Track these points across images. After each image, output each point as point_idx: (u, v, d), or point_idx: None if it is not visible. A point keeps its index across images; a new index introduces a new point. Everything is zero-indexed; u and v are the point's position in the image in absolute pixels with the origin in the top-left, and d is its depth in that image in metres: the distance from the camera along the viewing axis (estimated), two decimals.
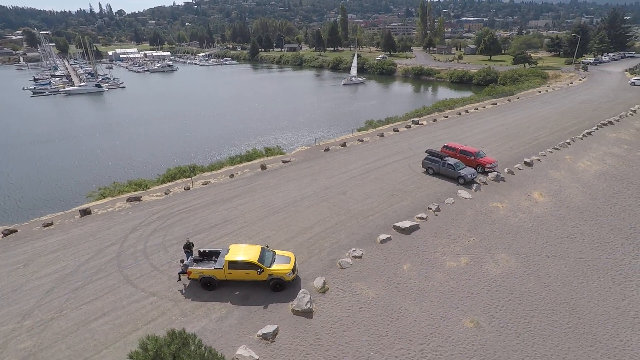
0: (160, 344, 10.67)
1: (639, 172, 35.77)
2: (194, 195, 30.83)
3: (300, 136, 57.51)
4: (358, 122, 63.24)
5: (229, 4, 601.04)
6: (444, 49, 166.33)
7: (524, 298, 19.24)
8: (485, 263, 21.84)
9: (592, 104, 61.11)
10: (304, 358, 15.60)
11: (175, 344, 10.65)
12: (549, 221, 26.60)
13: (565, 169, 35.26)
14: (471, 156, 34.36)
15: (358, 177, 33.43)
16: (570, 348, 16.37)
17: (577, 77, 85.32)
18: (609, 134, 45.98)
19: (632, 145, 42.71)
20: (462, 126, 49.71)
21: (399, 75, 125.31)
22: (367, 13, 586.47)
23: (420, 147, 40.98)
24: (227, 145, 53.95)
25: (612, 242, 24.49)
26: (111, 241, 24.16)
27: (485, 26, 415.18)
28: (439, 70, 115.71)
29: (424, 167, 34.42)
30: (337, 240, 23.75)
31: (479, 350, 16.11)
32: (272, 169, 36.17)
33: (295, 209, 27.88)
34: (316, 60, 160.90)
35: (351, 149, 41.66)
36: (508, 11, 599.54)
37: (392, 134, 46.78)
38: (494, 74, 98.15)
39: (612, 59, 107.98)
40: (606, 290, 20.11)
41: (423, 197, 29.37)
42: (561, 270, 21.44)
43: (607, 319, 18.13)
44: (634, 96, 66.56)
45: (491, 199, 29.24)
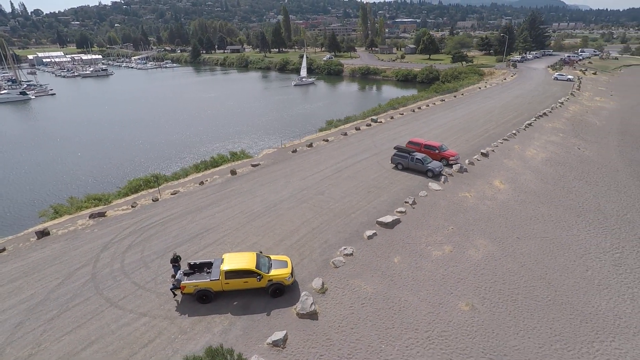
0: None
1: (577, 157, 40.18)
2: (165, 206, 29.19)
3: (259, 139, 56.66)
4: (316, 122, 63.80)
5: (161, 4, 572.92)
6: (385, 49, 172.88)
7: (506, 278, 20.83)
8: (467, 249, 23.28)
9: (527, 97, 67.36)
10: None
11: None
12: (512, 206, 28.98)
13: (516, 157, 38.55)
14: (435, 150, 36.28)
15: (332, 177, 33.79)
16: (555, 318, 18.06)
17: (509, 74, 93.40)
18: (546, 124, 51.04)
19: (566, 134, 47.81)
20: (418, 122, 52.23)
21: (347, 75, 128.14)
22: (306, 14, 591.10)
23: (385, 144, 42.44)
24: (183, 153, 51.61)
25: (567, 220, 27.32)
26: (81, 262, 22.15)
27: (418, 27, 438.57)
28: (384, 70, 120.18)
29: (393, 163, 35.69)
30: (326, 240, 23.88)
31: (478, 330, 17.19)
32: (243, 174, 35.33)
33: (276, 212, 27.54)
34: (262, 62, 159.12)
35: (318, 149, 41.95)
36: (438, 13, 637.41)
37: (355, 133, 47.84)
38: (436, 72, 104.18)
39: (535, 57, 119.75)
40: (572, 263, 22.43)
41: (398, 192, 30.48)
42: (532, 250, 23.51)
43: (577, 288, 20.24)
44: (558, 89, 74.41)
45: (459, 189, 31.14)
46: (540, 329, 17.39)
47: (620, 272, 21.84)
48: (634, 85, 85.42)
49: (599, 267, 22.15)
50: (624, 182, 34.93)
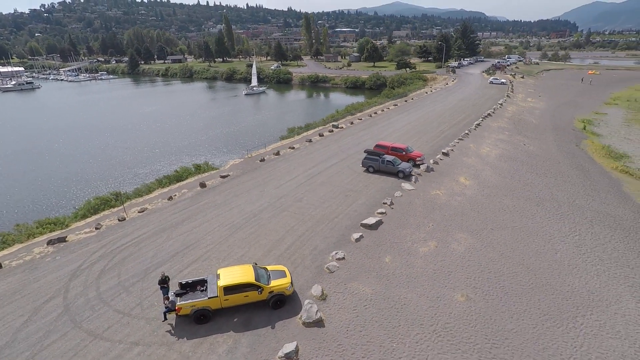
0: None
1: (524, 153, 43.98)
2: (134, 225, 27.14)
3: (218, 151, 54.90)
4: (274, 131, 63.40)
5: (89, 13, 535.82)
6: (331, 57, 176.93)
7: (490, 267, 22.11)
8: (450, 243, 24.38)
9: (470, 100, 72.56)
10: None
11: None
12: (480, 200, 30.92)
13: (474, 155, 41.27)
14: (402, 152, 37.69)
15: (306, 183, 33.68)
16: (540, 299, 19.49)
17: (450, 79, 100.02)
18: (492, 123, 55.31)
19: (511, 132, 52.19)
20: (377, 126, 53.95)
21: (296, 83, 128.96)
22: (247, 24, 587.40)
23: (351, 149, 43.26)
24: (136, 169, 48.41)
25: (529, 210, 29.73)
26: (48, 294, 19.84)
27: (357, 36, 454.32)
28: (333, 77, 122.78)
29: (364, 167, 36.45)
30: (315, 246, 23.70)
31: (478, 318, 18.02)
32: (213, 186, 33.97)
33: (257, 222, 26.81)
34: (208, 72, 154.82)
35: (286, 156, 41.63)
36: (374, 23, 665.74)
37: (319, 139, 48.19)
38: (383, 79, 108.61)
39: (469, 63, 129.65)
40: (542, 248, 24.40)
41: (374, 194, 31.15)
42: (506, 239, 25.23)
43: (552, 271, 22.04)
44: (495, 92, 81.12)
45: (430, 188, 32.59)
46: (530, 311, 18.66)
47: (582, 253, 24.15)
48: (556, 87, 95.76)
49: (565, 250, 24.33)
50: (567, 172, 38.82)
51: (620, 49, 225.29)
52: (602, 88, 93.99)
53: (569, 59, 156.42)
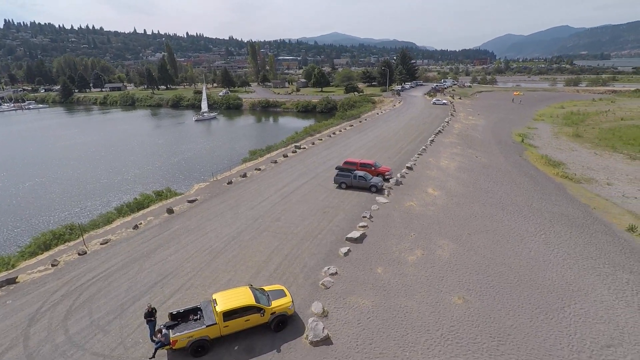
0: None
1: (478, 164, 47.12)
2: (98, 258, 24.47)
3: (176, 177, 52.21)
4: (233, 154, 61.99)
5: (9, 40, 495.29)
6: (278, 84, 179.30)
7: (477, 269, 22.87)
8: (435, 250, 24.95)
9: (419, 119, 76.96)
10: None
11: None
12: (452, 208, 32.28)
13: (435, 168, 43.37)
14: (371, 167, 38.54)
15: (281, 203, 32.95)
16: (529, 294, 20.42)
17: (396, 101, 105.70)
18: (444, 139, 58.88)
19: (462, 146, 55.87)
20: (339, 146, 54.94)
21: (247, 109, 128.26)
22: (187, 52, 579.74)
23: (318, 167, 43.39)
24: (84, 201, 44.31)
25: (496, 214, 31.59)
26: (3, 346, 16.94)
27: (299, 64, 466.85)
28: (284, 102, 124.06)
29: (336, 183, 36.61)
30: (304, 264, 22.98)
31: (478, 319, 18.37)
32: (182, 211, 31.95)
33: (238, 245, 25.50)
34: (152, 99, 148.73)
35: (254, 178, 40.60)
36: (316, 51, 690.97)
37: (284, 160, 47.80)
38: (333, 102, 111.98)
39: (411, 87, 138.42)
40: (517, 248, 25.85)
41: (352, 209, 31.25)
42: (485, 242, 26.42)
43: (531, 267, 23.33)
44: (440, 112, 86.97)
45: (404, 200, 33.46)
46: (523, 306, 19.44)
47: (552, 249, 25.95)
48: (490, 107, 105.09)
49: (537, 248, 26.00)
50: (518, 180, 42.10)
51: (533, 73, 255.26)
52: (529, 107, 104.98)
53: (495, 82, 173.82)
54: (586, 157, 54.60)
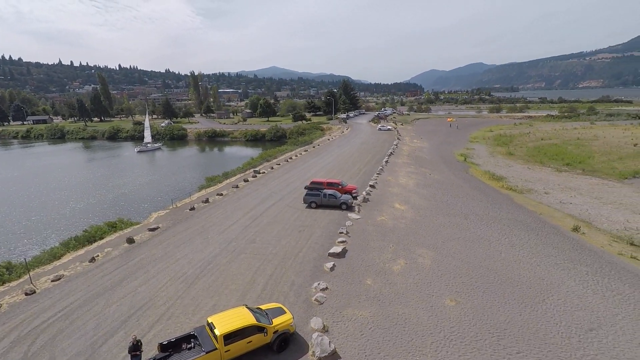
0: None
1: (433, 181, 49.81)
2: (52, 296, 21.33)
3: (124, 209, 48.16)
4: (184, 184, 59.08)
5: None
6: (223, 114, 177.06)
7: (459, 272, 23.62)
8: (416, 259, 25.42)
9: (369, 143, 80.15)
10: None
11: None
12: (421, 220, 33.44)
13: (396, 185, 44.99)
14: (338, 186, 38.93)
15: (253, 225, 31.73)
16: (512, 291, 21.44)
17: (344, 128, 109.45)
18: (396, 160, 61.69)
19: (415, 165, 58.90)
20: (298, 169, 54.96)
21: (193, 139, 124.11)
22: (120, 85, 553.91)
23: (283, 190, 42.82)
24: (10, 242, 38.96)
25: (462, 223, 33.28)
26: None
27: (240, 96, 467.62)
28: (232, 131, 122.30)
29: (305, 203, 36.27)
30: (292, 282, 22.06)
31: (474, 317, 18.80)
32: (144, 240, 29.31)
33: (216, 269, 23.85)
34: (85, 132, 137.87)
35: (218, 203, 38.81)
36: (256, 84, 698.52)
37: (245, 184, 46.51)
38: (282, 131, 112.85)
39: (355, 115, 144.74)
40: (490, 251, 27.27)
41: (326, 226, 31.01)
42: (459, 249, 27.52)
43: (505, 267, 24.67)
44: (386, 137, 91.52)
45: (375, 215, 34.01)
46: (510, 302, 20.33)
47: (518, 250, 27.79)
48: (429, 131, 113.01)
49: (505, 250, 27.67)
50: (471, 193, 45.10)
51: (460, 103, 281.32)
52: (463, 131, 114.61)
53: (430, 110, 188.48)
54: (521, 171, 60.37)
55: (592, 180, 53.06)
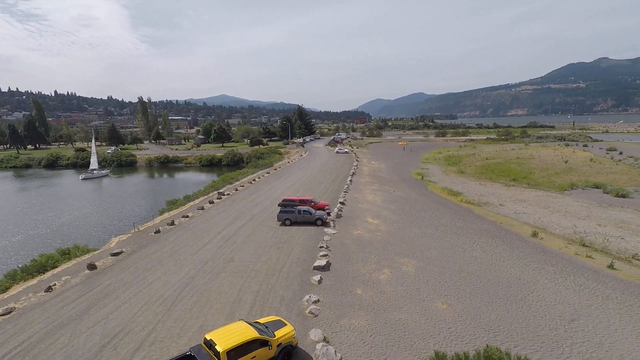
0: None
1: (398, 197, 51.31)
2: (4, 332, 18.50)
3: (81, 235, 43.87)
4: (138, 210, 55.49)
5: None
6: (174, 141, 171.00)
7: (443, 278, 24.12)
8: (400, 267, 25.62)
9: (330, 165, 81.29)
10: None
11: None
12: (396, 232, 34.02)
13: (364, 202, 45.69)
14: (310, 203, 38.69)
15: (228, 245, 30.31)
16: (495, 292, 22.22)
17: (302, 152, 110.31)
18: (359, 179, 62.98)
19: (378, 184, 60.45)
20: (264, 190, 54.01)
21: (143, 166, 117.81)
22: (56, 112, 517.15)
23: (253, 210, 41.68)
24: None
25: (435, 233, 34.35)
26: None
27: (189, 124, 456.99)
28: (186, 157, 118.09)
29: (279, 220, 35.49)
30: (282, 297, 21.15)
31: (467, 317, 19.14)
32: (107, 266, 26.71)
33: (197, 289, 22.27)
34: (18, 160, 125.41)
35: (185, 225, 36.72)
36: (206, 112, 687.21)
37: (211, 206, 44.63)
38: (240, 155, 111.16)
39: (311, 139, 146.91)
40: (465, 257, 28.22)
41: (305, 241, 30.46)
42: (437, 256, 28.23)
43: (484, 270, 25.62)
44: (345, 159, 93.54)
45: (350, 229, 34.06)
46: (496, 302, 21.02)
47: (489, 255, 29.11)
48: (384, 154, 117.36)
49: (479, 255, 28.85)
50: (435, 207, 46.99)
51: (407, 129, 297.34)
52: (415, 153, 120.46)
53: (381, 135, 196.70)
54: (475, 187, 64.25)
55: (537, 193, 57.79)
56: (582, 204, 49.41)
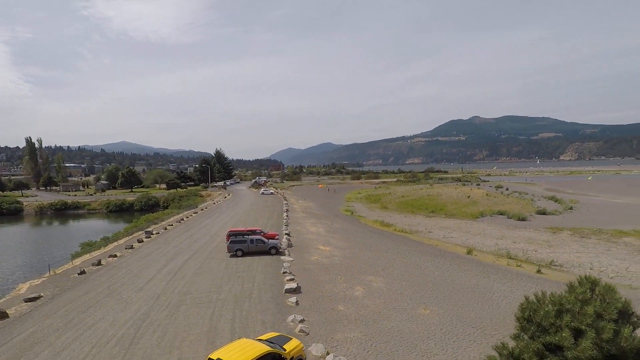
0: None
1: (338, 228, 52.07)
2: None
3: None
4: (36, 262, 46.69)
5: None
6: (71, 187, 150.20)
7: (414, 289, 24.64)
8: (370, 284, 25.54)
9: (260, 204, 79.49)
10: None
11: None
12: (351, 256, 34.12)
13: (309, 233, 45.28)
14: (260, 233, 36.98)
15: (177, 278, 26.94)
16: (465, 296, 23.40)
17: (225, 194, 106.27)
18: (295, 215, 62.62)
19: (314, 218, 60.69)
20: (198, 227, 50.11)
21: (32, 214, 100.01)
22: None
23: (192, 245, 38.23)
24: None
25: (386, 255, 35.32)
26: None
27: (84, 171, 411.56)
28: (89, 202, 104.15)
29: (230, 251, 33.02)
30: (262, 320, 19.30)
31: (452, 319, 19.69)
32: (24, 313, 21.44)
33: (158, 324, 19.07)
34: None
35: (115, 264, 31.72)
36: (104, 159, 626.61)
37: (141, 245, 39.55)
38: (155, 199, 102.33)
39: (231, 183, 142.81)
40: (424, 272, 29.40)
41: (265, 269, 28.73)
42: (400, 273, 28.89)
43: (446, 280, 26.92)
44: (272, 199, 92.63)
45: (306, 256, 33.17)
46: (471, 304, 22.13)
47: (442, 269, 30.86)
48: (308, 194, 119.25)
49: (436, 270, 30.37)
50: (374, 236, 48.70)
51: (322, 174, 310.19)
52: (337, 194, 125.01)
53: (300, 179, 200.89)
54: (401, 219, 68.67)
55: (455, 221, 64.09)
56: (494, 228, 56.13)
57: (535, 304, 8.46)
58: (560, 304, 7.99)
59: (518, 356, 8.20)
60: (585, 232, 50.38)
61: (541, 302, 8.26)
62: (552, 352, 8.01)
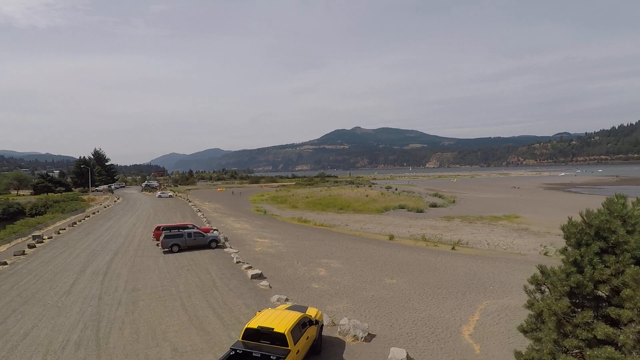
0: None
1: (260, 225, 51.08)
2: None
3: None
4: None
5: None
6: None
7: (372, 267, 26.10)
8: (330, 265, 26.13)
9: (161, 207, 72.38)
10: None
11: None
12: (293, 245, 34.10)
13: (236, 229, 43.49)
14: (193, 228, 34.09)
15: (112, 278, 23.24)
16: (418, 269, 25.84)
17: (113, 198, 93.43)
18: (213, 214, 59.07)
19: (234, 217, 58.18)
20: (103, 229, 43.25)
21: None
22: None
23: (104, 248, 33.17)
24: None
25: (325, 243, 36.32)
26: None
27: None
28: None
29: (165, 247, 29.74)
30: (245, 304, 18.33)
31: (419, 284, 21.69)
32: None
33: (121, 322, 16.44)
34: None
35: (9, 272, 25.44)
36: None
37: (33, 251, 32.34)
38: (18, 205, 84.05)
39: (116, 187, 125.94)
40: (371, 253, 31.24)
41: (213, 261, 26.88)
42: (350, 256, 30.14)
43: (394, 258, 29.16)
44: (172, 202, 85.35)
45: (248, 248, 32.04)
46: (423, 272, 24.57)
47: (380, 251, 33.24)
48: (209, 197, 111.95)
49: (379, 251, 32.51)
50: (299, 230, 49.27)
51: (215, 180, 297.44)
52: (240, 196, 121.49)
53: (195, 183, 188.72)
54: (314, 215, 70.74)
55: (365, 216, 69.07)
56: (400, 219, 62.42)
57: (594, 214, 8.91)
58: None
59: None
60: (471, 219, 59.99)
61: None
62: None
